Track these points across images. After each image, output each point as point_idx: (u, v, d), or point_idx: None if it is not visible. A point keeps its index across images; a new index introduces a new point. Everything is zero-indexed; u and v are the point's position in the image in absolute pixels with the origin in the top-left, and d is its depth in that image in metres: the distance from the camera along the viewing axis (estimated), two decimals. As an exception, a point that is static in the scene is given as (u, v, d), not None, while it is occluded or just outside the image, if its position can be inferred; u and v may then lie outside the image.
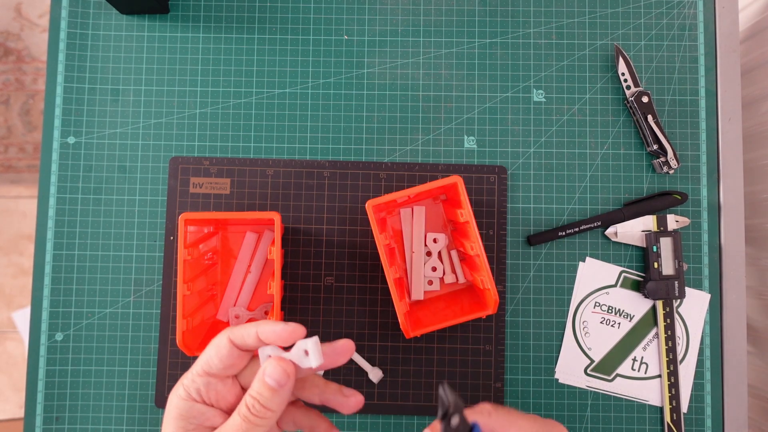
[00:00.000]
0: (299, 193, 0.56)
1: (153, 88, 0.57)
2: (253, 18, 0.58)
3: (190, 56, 0.58)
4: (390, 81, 0.58)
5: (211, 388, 0.35)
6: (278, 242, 0.48)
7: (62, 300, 0.55)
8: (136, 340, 0.55)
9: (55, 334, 0.55)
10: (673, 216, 0.55)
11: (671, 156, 0.55)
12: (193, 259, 0.49)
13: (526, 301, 0.56)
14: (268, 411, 0.33)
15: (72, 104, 0.57)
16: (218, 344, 0.34)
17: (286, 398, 0.34)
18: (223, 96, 0.57)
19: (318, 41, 0.58)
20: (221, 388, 0.35)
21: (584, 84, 0.58)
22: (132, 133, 0.57)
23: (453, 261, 0.56)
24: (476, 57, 0.58)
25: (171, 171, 0.56)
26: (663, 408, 0.55)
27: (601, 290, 0.56)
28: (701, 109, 0.58)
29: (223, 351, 0.34)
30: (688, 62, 0.58)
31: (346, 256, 0.56)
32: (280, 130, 0.57)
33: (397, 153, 0.57)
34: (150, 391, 0.55)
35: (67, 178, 0.56)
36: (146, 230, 0.56)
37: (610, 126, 0.57)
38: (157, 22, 0.58)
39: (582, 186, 0.57)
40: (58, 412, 0.54)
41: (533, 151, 0.57)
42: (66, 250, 0.56)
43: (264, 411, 0.33)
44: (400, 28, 0.58)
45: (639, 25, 0.58)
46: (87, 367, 0.55)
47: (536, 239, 0.55)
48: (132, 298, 0.55)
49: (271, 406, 0.33)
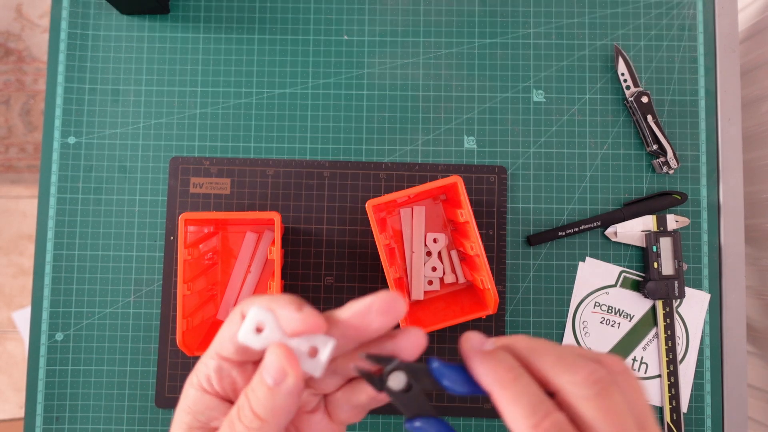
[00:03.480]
0: (299, 193, 0.56)
1: (153, 88, 0.57)
2: (253, 18, 0.58)
3: (190, 56, 0.58)
4: (390, 81, 0.58)
5: (225, 374, 0.26)
6: (278, 242, 0.48)
7: (62, 300, 0.55)
8: (136, 340, 0.55)
9: (55, 334, 0.55)
10: (672, 216, 0.55)
11: (671, 156, 0.55)
12: (193, 259, 0.49)
13: (526, 301, 0.56)
14: (257, 420, 0.24)
15: (72, 104, 0.57)
16: (232, 322, 0.26)
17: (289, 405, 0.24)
18: (224, 96, 0.57)
19: (318, 41, 0.58)
20: (237, 376, 0.26)
21: (584, 84, 0.58)
22: (132, 133, 0.57)
23: (453, 261, 0.56)
24: (476, 57, 0.58)
25: (171, 171, 0.56)
26: (663, 408, 0.55)
27: (601, 290, 0.56)
28: (701, 109, 0.58)
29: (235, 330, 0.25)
30: (688, 62, 0.58)
31: (346, 256, 0.56)
32: (280, 130, 0.57)
33: (397, 153, 0.57)
34: (150, 391, 0.55)
35: (68, 178, 0.56)
36: (146, 230, 0.56)
37: (610, 126, 0.58)
38: (158, 22, 0.58)
39: (582, 186, 0.57)
40: (59, 412, 0.55)
41: (533, 151, 0.57)
42: (66, 250, 0.56)
43: (252, 419, 0.24)
44: (400, 29, 0.58)
45: (639, 25, 0.58)
46: (87, 367, 0.55)
47: (536, 239, 0.55)
48: (132, 297, 0.55)
49: (263, 412, 0.24)
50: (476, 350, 0.25)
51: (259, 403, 0.24)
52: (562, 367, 0.25)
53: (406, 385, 0.25)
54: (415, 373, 0.25)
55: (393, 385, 0.25)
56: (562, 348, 0.26)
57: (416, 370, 0.25)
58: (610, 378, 0.24)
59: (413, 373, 0.25)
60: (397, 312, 0.25)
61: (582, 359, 0.25)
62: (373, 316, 0.25)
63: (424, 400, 0.25)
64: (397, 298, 0.25)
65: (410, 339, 0.26)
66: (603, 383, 0.24)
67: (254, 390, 0.24)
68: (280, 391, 0.24)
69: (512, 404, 0.24)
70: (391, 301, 0.25)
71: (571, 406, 0.24)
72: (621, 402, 0.24)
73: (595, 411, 0.24)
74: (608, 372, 0.25)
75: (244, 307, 0.26)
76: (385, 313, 0.25)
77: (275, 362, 0.24)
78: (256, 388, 0.24)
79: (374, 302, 0.25)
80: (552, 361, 0.25)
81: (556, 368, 0.25)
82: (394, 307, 0.25)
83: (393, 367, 0.25)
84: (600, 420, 0.23)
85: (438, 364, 0.25)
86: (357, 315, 0.25)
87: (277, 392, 0.24)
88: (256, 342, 0.25)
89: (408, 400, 0.25)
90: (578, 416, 0.24)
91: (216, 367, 0.26)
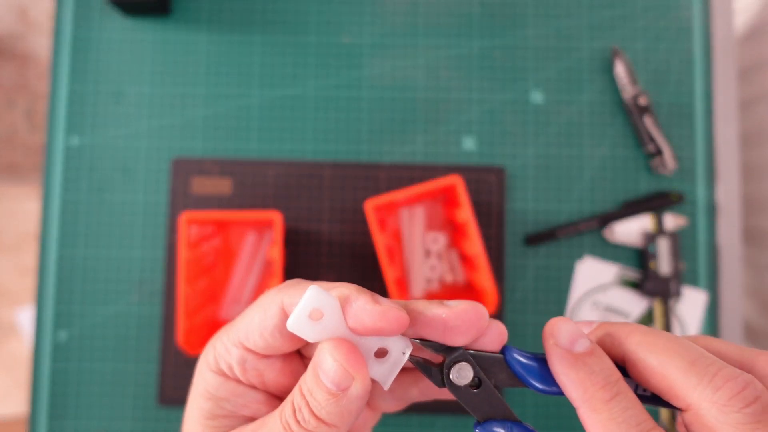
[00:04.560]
0: (299, 193, 0.57)
1: (156, 89, 0.58)
2: (254, 19, 0.59)
3: (192, 57, 0.58)
4: (390, 81, 0.58)
5: (250, 366, 0.22)
6: (279, 242, 0.49)
7: (66, 299, 0.56)
8: (139, 339, 0.56)
9: (59, 332, 0.56)
10: (670, 216, 0.56)
11: (668, 156, 0.56)
12: (194, 258, 0.50)
13: (524, 300, 0.56)
14: (322, 425, 0.20)
15: (76, 105, 0.58)
16: (265, 310, 0.21)
17: (356, 411, 0.20)
18: (225, 97, 0.58)
19: (318, 42, 0.59)
20: (266, 368, 0.23)
21: (582, 85, 0.58)
22: (135, 134, 0.58)
23: (452, 261, 0.56)
24: (475, 58, 0.59)
25: (173, 171, 0.57)
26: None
27: (599, 289, 0.57)
28: (698, 110, 0.58)
29: (267, 324, 0.21)
30: (685, 64, 0.59)
31: (346, 256, 0.56)
32: (281, 130, 0.58)
33: (397, 153, 0.58)
34: (153, 389, 0.55)
35: (71, 179, 0.57)
36: (149, 230, 0.57)
37: (608, 127, 0.58)
38: (160, 23, 0.59)
39: (580, 186, 0.57)
40: (63, 410, 0.55)
41: (532, 151, 0.58)
42: (70, 250, 0.56)
43: (317, 424, 0.20)
44: (400, 29, 0.59)
45: (636, 27, 0.59)
46: (90, 365, 0.56)
47: (535, 239, 0.56)
48: (135, 297, 0.56)
49: (327, 418, 0.20)
50: (564, 351, 0.19)
51: (321, 408, 0.20)
52: (697, 378, 0.18)
53: (474, 379, 0.21)
54: (486, 365, 0.21)
55: (457, 380, 0.20)
56: (691, 346, 0.19)
57: (487, 362, 0.21)
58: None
59: (483, 366, 0.21)
60: (481, 330, 0.21)
61: (728, 368, 0.18)
62: (462, 329, 0.20)
63: (498, 399, 0.20)
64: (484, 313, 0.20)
65: (492, 334, 0.21)
66: (760, 404, 0.17)
67: (312, 392, 0.20)
68: (346, 396, 0.20)
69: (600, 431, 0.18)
70: (477, 318, 0.20)
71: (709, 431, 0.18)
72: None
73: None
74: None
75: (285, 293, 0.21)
76: (474, 331, 0.20)
77: (339, 365, 0.19)
78: (315, 391, 0.20)
79: (463, 313, 0.20)
80: (680, 367, 0.18)
81: (689, 379, 0.18)
82: (479, 326, 0.20)
83: (457, 357, 0.20)
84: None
85: (517, 353, 0.21)
86: (447, 321, 0.20)
87: (343, 398, 0.20)
88: (311, 332, 0.20)
89: (477, 398, 0.20)
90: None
91: (239, 358, 0.22)
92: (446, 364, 0.20)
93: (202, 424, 0.22)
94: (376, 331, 0.20)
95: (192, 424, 0.23)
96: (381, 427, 0.55)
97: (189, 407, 0.23)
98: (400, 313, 0.19)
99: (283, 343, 0.21)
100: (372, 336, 0.20)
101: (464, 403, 0.21)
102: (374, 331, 0.20)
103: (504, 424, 0.20)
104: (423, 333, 0.20)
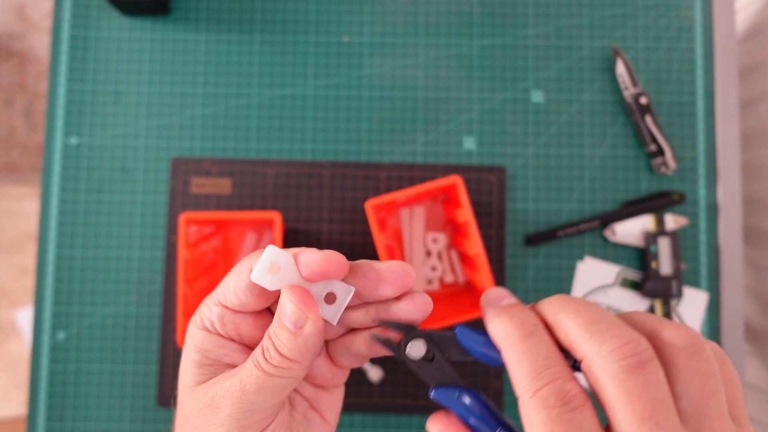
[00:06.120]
0: (299, 193, 0.57)
1: (154, 89, 0.58)
2: (253, 19, 0.59)
3: (191, 57, 0.58)
4: (390, 81, 0.58)
5: (227, 321, 0.26)
6: (279, 242, 0.49)
7: (65, 299, 0.56)
8: (137, 339, 0.55)
9: (57, 333, 0.56)
10: (671, 216, 0.56)
11: (669, 156, 0.56)
12: (194, 258, 0.50)
13: (525, 300, 0.56)
14: (285, 360, 0.24)
15: (74, 105, 0.57)
16: (238, 273, 0.25)
17: (313, 347, 0.24)
18: (224, 96, 0.58)
19: (318, 42, 0.58)
20: (240, 322, 0.26)
21: (583, 85, 0.58)
22: (134, 134, 0.57)
23: (452, 261, 0.56)
24: (476, 58, 0.58)
25: (172, 171, 0.57)
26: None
27: (600, 289, 0.56)
28: (699, 110, 0.58)
29: (240, 285, 0.25)
30: (686, 63, 0.58)
31: (346, 256, 0.56)
32: (280, 130, 0.58)
33: (397, 153, 0.57)
34: (152, 389, 0.55)
35: (70, 179, 0.57)
36: (148, 230, 0.56)
37: (609, 127, 0.58)
38: (159, 23, 0.58)
39: (581, 186, 0.57)
40: (61, 410, 0.55)
41: (532, 151, 0.57)
42: (68, 250, 0.56)
43: (281, 360, 0.24)
44: (400, 29, 0.59)
45: (637, 26, 0.59)
46: (89, 365, 0.55)
47: (535, 239, 0.56)
48: (134, 297, 0.56)
49: (289, 354, 0.24)
50: (492, 305, 0.23)
51: (283, 345, 0.24)
52: (589, 333, 0.20)
53: (427, 353, 0.24)
54: (438, 342, 0.24)
55: (413, 354, 0.24)
56: (601, 311, 0.21)
57: (440, 339, 0.24)
58: (649, 354, 0.19)
59: (436, 343, 0.24)
60: (407, 284, 0.24)
61: (620, 327, 0.20)
62: (390, 280, 0.24)
63: (449, 369, 0.24)
64: (410, 270, 0.25)
65: (416, 303, 0.25)
66: (637, 358, 0.19)
67: (276, 333, 0.24)
68: (302, 333, 0.24)
69: (515, 364, 0.21)
70: (404, 273, 0.24)
71: (596, 381, 0.20)
72: (656, 385, 0.19)
73: (616, 391, 0.19)
74: (655, 346, 0.20)
75: (253, 259, 0.25)
76: (401, 283, 0.24)
77: (294, 306, 0.24)
78: (278, 332, 0.24)
79: (393, 268, 0.24)
80: (579, 324, 0.21)
81: (583, 333, 0.20)
82: (405, 280, 0.24)
83: (413, 335, 0.24)
84: (620, 404, 0.19)
85: (466, 330, 0.24)
86: (379, 272, 0.24)
87: (300, 335, 0.24)
88: (270, 282, 0.24)
89: (431, 369, 0.24)
90: (600, 395, 0.20)
91: (218, 314, 0.26)
92: (404, 341, 0.24)
93: (193, 372, 0.27)
94: (322, 273, 0.24)
95: (185, 374, 0.27)
96: (381, 427, 0.55)
97: (182, 361, 0.28)
98: (339, 257, 0.24)
99: (253, 300, 0.25)
100: (321, 281, 0.24)
101: (419, 374, 0.24)
102: (321, 274, 0.24)
103: (454, 389, 0.23)
104: (361, 283, 0.25)
